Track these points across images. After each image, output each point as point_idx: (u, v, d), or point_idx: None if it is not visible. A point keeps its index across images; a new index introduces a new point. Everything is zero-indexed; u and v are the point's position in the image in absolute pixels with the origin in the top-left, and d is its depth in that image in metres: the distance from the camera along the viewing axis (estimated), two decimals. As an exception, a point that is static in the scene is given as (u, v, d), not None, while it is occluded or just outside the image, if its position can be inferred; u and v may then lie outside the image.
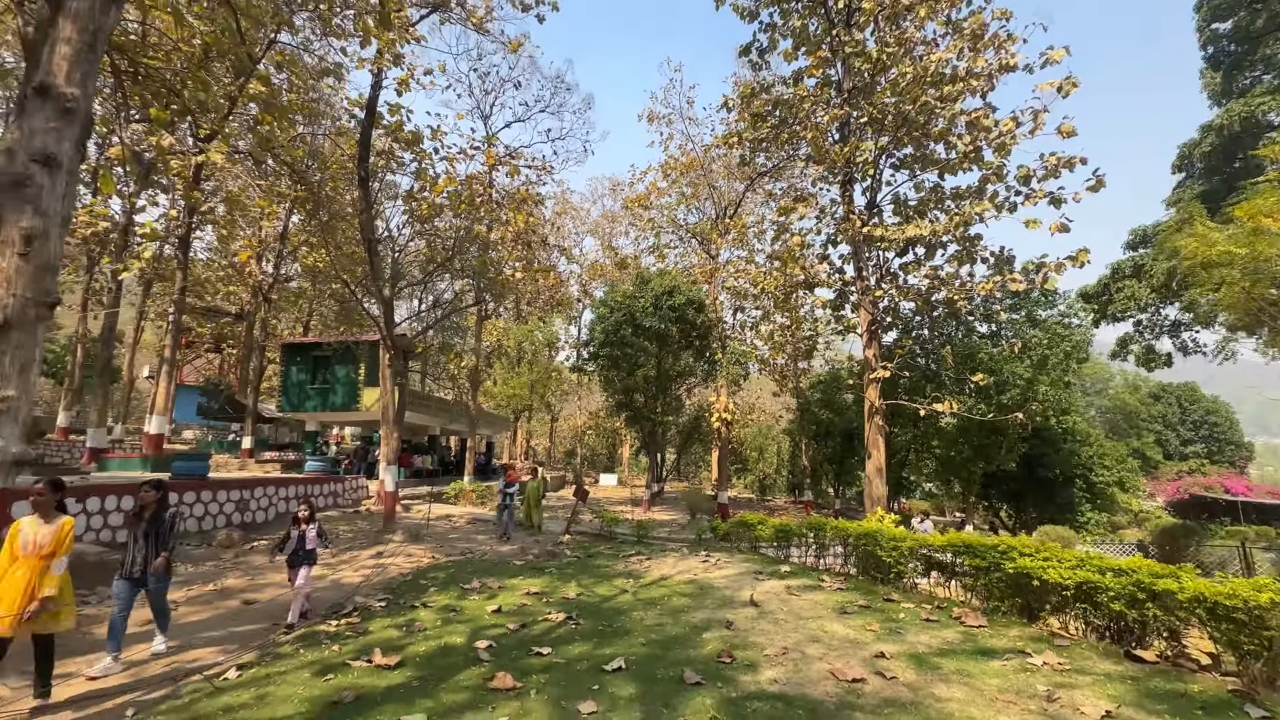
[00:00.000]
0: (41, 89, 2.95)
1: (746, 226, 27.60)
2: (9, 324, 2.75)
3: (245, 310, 27.29)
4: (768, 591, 7.89)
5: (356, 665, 5.01)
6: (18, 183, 2.85)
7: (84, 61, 3.07)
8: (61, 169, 2.97)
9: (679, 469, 55.92)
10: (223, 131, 13.01)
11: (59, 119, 2.96)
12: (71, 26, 3.04)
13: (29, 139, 2.91)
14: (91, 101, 3.30)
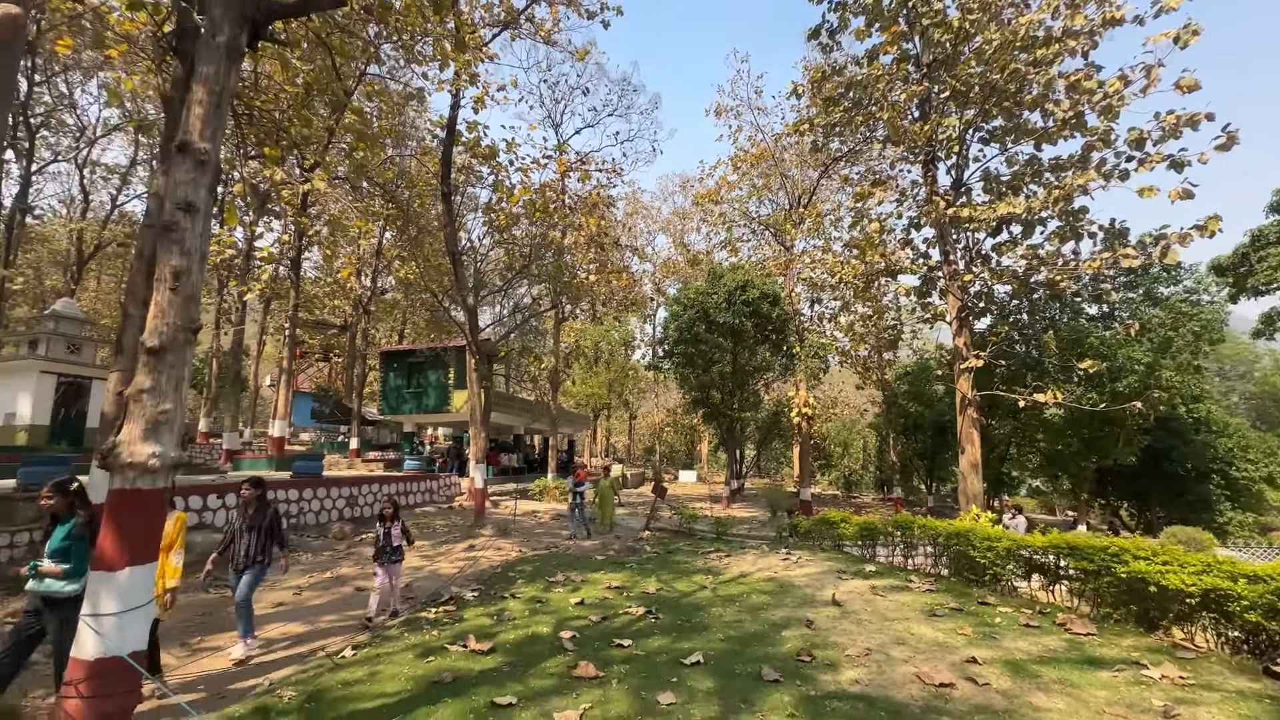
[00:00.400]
0: (182, 146, 3.45)
1: (822, 214, 26.74)
2: (164, 348, 3.24)
3: (348, 322, 29.76)
4: (851, 591, 7.70)
5: (453, 649, 5.42)
6: (167, 228, 3.35)
7: (213, 119, 3.55)
8: (199, 213, 3.45)
9: (759, 465, 55.03)
10: (323, 161, 14.28)
11: (196, 170, 3.44)
12: (202, 89, 3.53)
13: (174, 190, 3.41)
14: (220, 152, 3.77)
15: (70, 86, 25.76)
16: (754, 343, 22.88)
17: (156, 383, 3.20)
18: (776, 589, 7.94)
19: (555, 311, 22.72)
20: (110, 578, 2.96)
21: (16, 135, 24.23)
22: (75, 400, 14.52)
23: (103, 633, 2.85)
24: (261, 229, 22.09)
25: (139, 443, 3.08)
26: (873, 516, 11.75)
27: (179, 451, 3.28)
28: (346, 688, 4.57)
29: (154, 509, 3.22)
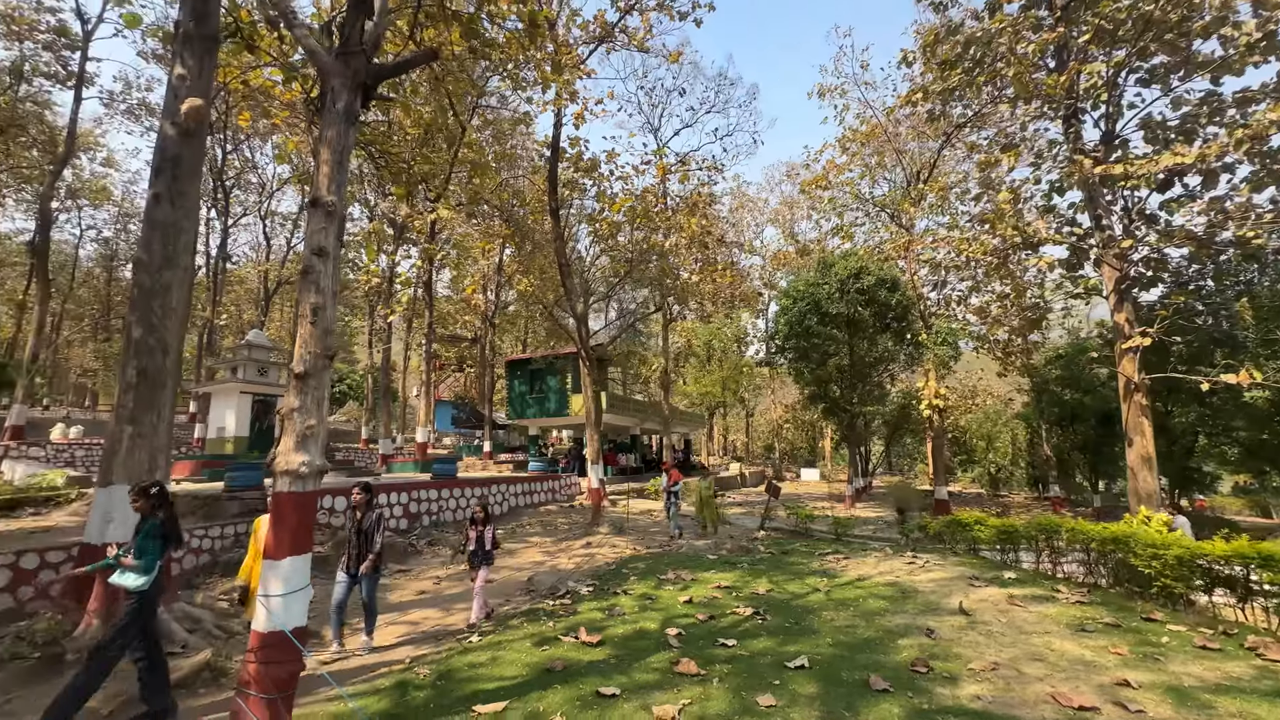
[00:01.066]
0: (313, 201, 4.05)
1: (946, 188, 24.57)
2: (308, 373, 3.83)
3: (478, 334, 32.44)
4: (983, 599, 7.05)
5: (566, 640, 5.78)
6: (305, 271, 3.95)
7: (337, 175, 4.13)
8: (329, 257, 4.03)
9: (889, 462, 51.62)
10: (445, 192, 15.76)
11: (325, 220, 4.03)
12: (326, 150, 4.13)
13: (309, 238, 4.02)
14: (344, 203, 4.35)
15: (252, 151, 30.67)
16: (873, 332, 21.55)
17: (303, 402, 3.80)
18: (897, 594, 7.49)
19: (662, 313, 23.03)
20: (275, 565, 3.58)
21: (216, 196, 29.39)
22: (265, 415, 17.33)
23: (271, 610, 3.47)
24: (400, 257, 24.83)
25: (292, 453, 3.69)
26: (1012, 518, 10.62)
27: (323, 460, 3.87)
28: (472, 669, 5.06)
29: (307, 509, 3.83)
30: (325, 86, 4.30)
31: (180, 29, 6.47)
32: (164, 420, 6.04)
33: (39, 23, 22.54)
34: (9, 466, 14.74)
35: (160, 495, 4.37)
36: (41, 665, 4.86)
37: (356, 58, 4.21)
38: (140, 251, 6.17)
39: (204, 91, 6.50)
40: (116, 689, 4.64)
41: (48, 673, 4.84)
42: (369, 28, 4.32)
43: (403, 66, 4.74)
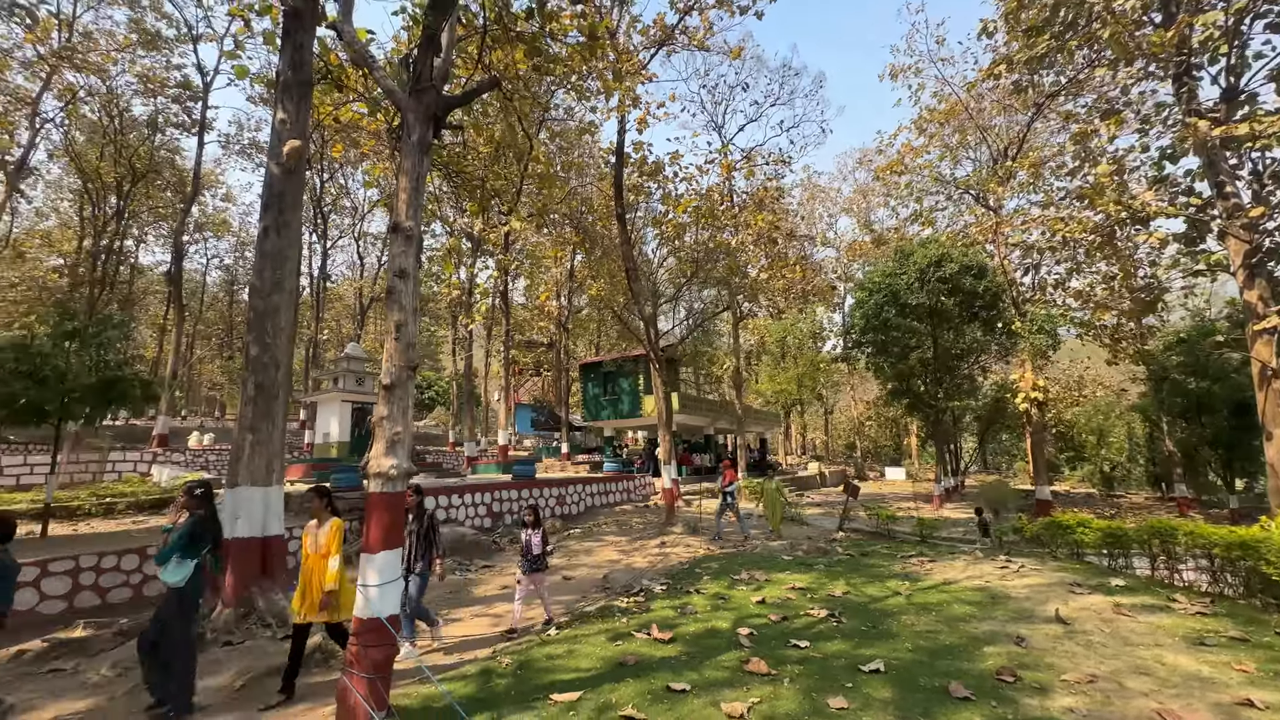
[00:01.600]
0: (394, 227, 4.45)
1: (1039, 163, 22.75)
2: (394, 384, 4.21)
3: (553, 339, 33.51)
4: (1084, 607, 6.55)
5: (639, 637, 5.94)
6: (389, 291, 4.34)
7: (414, 201, 4.50)
8: (410, 277, 4.40)
9: (984, 460, 48.40)
10: (517, 205, 16.46)
11: (405, 244, 4.41)
12: (404, 179, 4.51)
13: (391, 261, 4.41)
14: (421, 226, 4.71)
15: (345, 178, 33.30)
16: (959, 322, 20.35)
17: (391, 411, 4.18)
18: (985, 600, 7.09)
19: (731, 311, 22.85)
20: (372, 558, 3.97)
21: (316, 222, 32.17)
22: (363, 421, 18.82)
23: (369, 599, 3.85)
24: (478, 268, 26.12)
25: (382, 457, 4.08)
26: (1128, 521, 9.73)
27: (409, 464, 4.23)
28: (549, 660, 5.33)
29: (397, 507, 4.21)
30: (402, 121, 4.70)
31: (280, 78, 7.22)
32: (278, 428, 6.77)
33: (168, 79, 25.62)
34: (157, 470, 16.88)
35: (203, 496, 4.59)
36: (187, 643, 5.61)
37: (428, 93, 4.57)
38: (254, 278, 6.96)
39: (302, 132, 7.22)
40: (245, 665, 5.29)
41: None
42: (438, 64, 4.68)
43: (469, 96, 5.08)
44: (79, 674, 5.12)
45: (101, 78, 24.76)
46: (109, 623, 6.02)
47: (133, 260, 36.96)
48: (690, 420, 26.04)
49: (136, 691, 4.89)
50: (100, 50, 23.98)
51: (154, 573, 7.32)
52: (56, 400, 8.60)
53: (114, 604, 6.86)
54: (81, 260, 30.20)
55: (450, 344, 30.37)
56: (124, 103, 26.96)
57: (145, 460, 17.85)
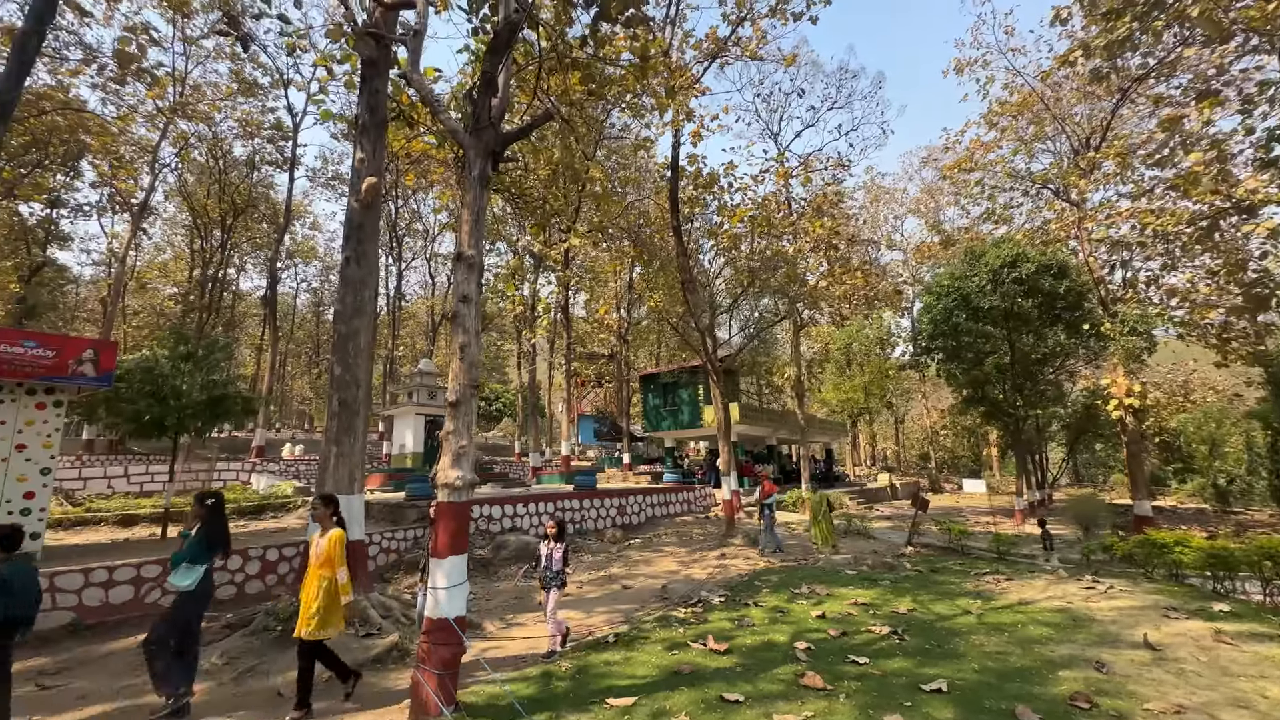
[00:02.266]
0: (458, 256, 4.81)
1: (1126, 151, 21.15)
2: (459, 401, 4.55)
3: (614, 351, 34.09)
4: (1178, 634, 6.06)
5: (695, 647, 6.02)
6: (454, 316, 4.69)
7: (476, 231, 4.86)
8: (472, 302, 4.75)
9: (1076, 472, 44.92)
10: (576, 223, 17.02)
11: (467, 272, 4.76)
12: (466, 211, 4.88)
13: (456, 288, 4.77)
14: (483, 255, 5.07)
15: (417, 204, 35.33)
16: (1039, 325, 19.13)
17: (456, 426, 4.52)
18: (1066, 622, 6.69)
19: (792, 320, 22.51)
20: (440, 563, 4.29)
21: (391, 245, 34.30)
22: (436, 433, 19.86)
23: (438, 601, 4.17)
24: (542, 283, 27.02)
25: (449, 469, 4.41)
26: (1227, 540, 8.89)
27: (473, 475, 4.55)
28: (606, 666, 5.51)
29: (463, 515, 4.52)
30: (464, 157, 5.09)
31: (359, 120, 7.91)
32: (358, 441, 7.35)
33: (264, 122, 28.21)
34: (256, 479, 18.46)
35: (213, 507, 4.68)
36: (283, 636, 6.17)
37: (486, 131, 4.93)
38: (337, 304, 7.62)
39: (378, 169, 7.87)
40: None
41: (287, 642, 6.14)
42: (495, 103, 5.04)
43: (526, 131, 5.43)
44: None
45: (208, 124, 27.62)
46: (216, 616, 6.72)
47: (234, 286, 40.69)
48: (751, 430, 25.74)
49: (243, 678, 5.46)
50: (207, 100, 26.77)
51: (253, 572, 8.09)
52: (174, 415, 9.69)
53: (221, 600, 7.61)
54: (192, 288, 33.56)
55: (516, 358, 31.50)
56: (227, 145, 29.93)
57: (246, 470, 19.56)
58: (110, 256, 32.19)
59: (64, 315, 34.98)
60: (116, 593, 6.98)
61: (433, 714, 3.91)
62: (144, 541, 10.04)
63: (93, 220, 30.97)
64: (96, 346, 7.91)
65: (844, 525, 15.10)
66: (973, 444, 44.93)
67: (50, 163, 24.60)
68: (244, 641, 6.03)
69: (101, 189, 28.29)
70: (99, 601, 6.85)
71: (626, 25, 9.58)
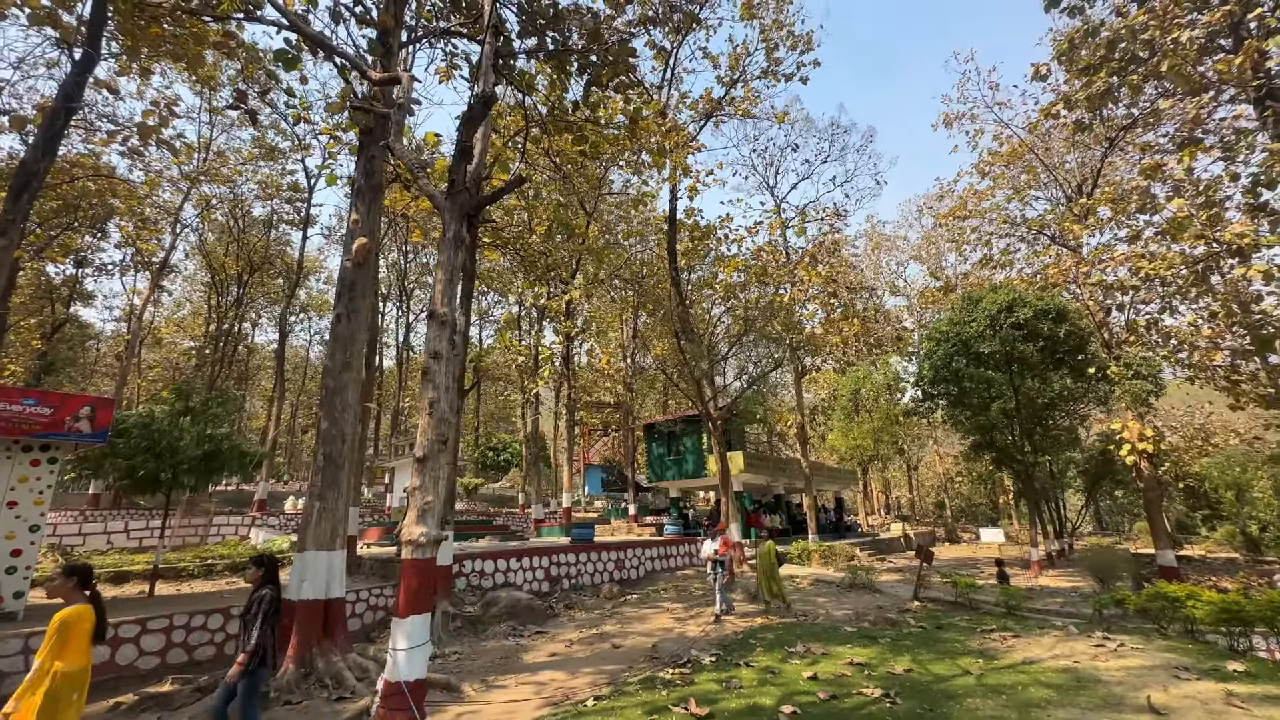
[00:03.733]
0: (430, 314, 4.95)
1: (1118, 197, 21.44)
2: (426, 456, 4.59)
3: (620, 400, 34.05)
4: (1187, 696, 5.74)
5: (675, 711, 5.78)
6: (424, 371, 4.79)
7: (448, 291, 5.02)
8: (443, 359, 4.85)
9: (1098, 519, 43.48)
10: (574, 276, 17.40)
11: (439, 329, 4.89)
12: (440, 272, 5.05)
13: (427, 344, 4.90)
14: (456, 314, 5.21)
15: (425, 257, 36.33)
16: (1043, 369, 18.97)
17: (423, 482, 4.54)
18: (1069, 683, 6.37)
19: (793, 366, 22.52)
20: (401, 623, 4.23)
21: (400, 299, 35.09)
22: (437, 484, 19.79)
23: (397, 663, 4.09)
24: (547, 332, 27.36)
25: (413, 525, 4.41)
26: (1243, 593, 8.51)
27: (439, 531, 4.53)
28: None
29: (426, 573, 4.49)
30: (442, 218, 5.32)
31: (355, 184, 8.30)
32: (343, 496, 7.36)
33: (282, 184, 29.54)
34: (254, 533, 18.37)
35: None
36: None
37: (460, 195, 5.17)
38: (326, 360, 7.79)
39: (372, 230, 8.20)
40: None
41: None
42: (470, 169, 5.30)
43: (497, 195, 5.69)
44: (160, 727, 5.63)
45: (229, 187, 28.96)
46: (191, 679, 6.59)
47: (249, 340, 41.59)
48: (757, 479, 25.35)
49: (205, 746, 5.31)
50: (230, 165, 28.19)
51: (234, 631, 7.95)
52: (168, 470, 9.77)
53: (199, 660, 7.48)
54: (207, 342, 34.36)
55: (522, 408, 31.61)
56: (247, 205, 31.27)
57: (245, 524, 19.48)
58: (130, 312, 33.22)
59: (83, 370, 35.83)
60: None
61: (384, 785, 3.77)
62: (132, 600, 9.95)
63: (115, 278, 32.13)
64: (94, 404, 8.09)
65: (849, 579, 14.63)
66: (989, 491, 43.78)
67: (79, 225, 25.79)
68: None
69: (125, 249, 29.51)
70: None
71: (618, 90, 10.12)
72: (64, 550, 13.96)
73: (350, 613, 9.13)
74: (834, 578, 15.58)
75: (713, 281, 17.18)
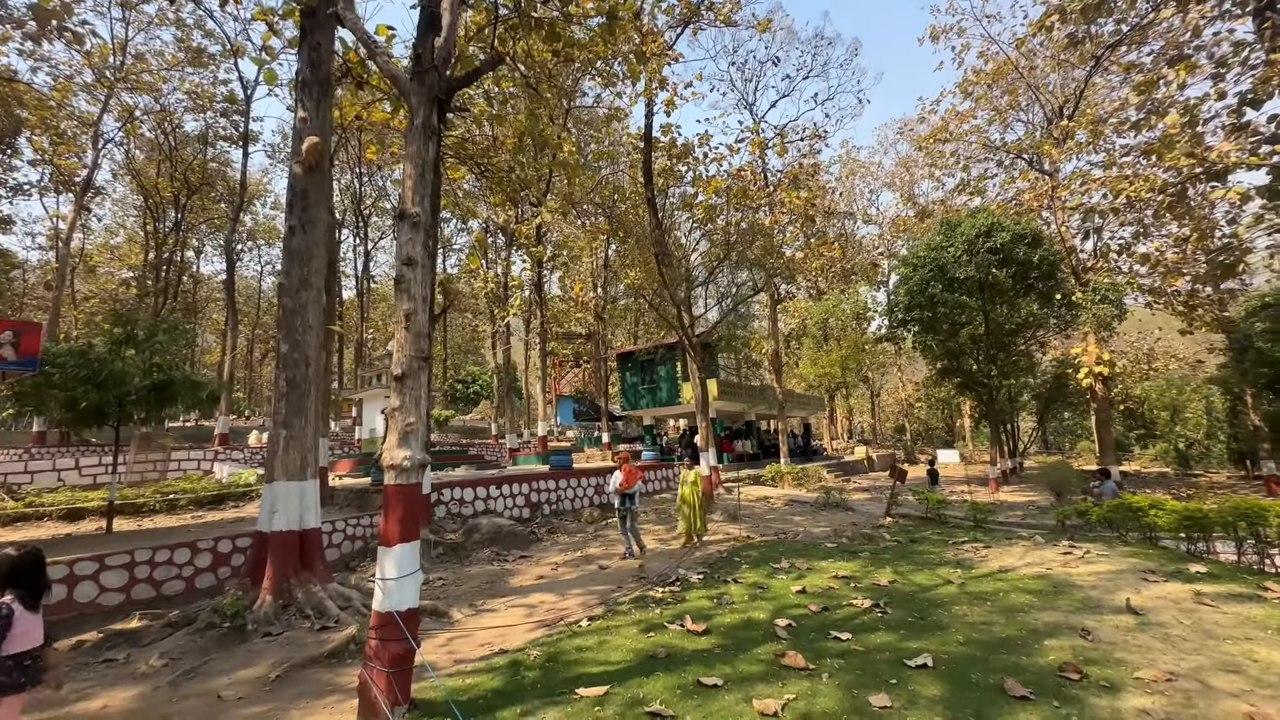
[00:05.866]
0: (400, 214, 4.34)
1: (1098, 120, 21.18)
2: (405, 374, 4.13)
3: (591, 330, 33.55)
4: (1159, 596, 6.00)
5: (672, 628, 5.77)
6: (398, 280, 4.24)
7: (419, 188, 4.39)
8: (419, 265, 4.30)
9: (1045, 440, 46.08)
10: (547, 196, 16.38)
11: (412, 232, 4.30)
12: (409, 165, 4.40)
13: (399, 249, 4.32)
14: (434, 214, 4.58)
15: (383, 180, 34.06)
16: (1013, 295, 19.22)
17: (403, 402, 4.10)
18: (1047, 588, 6.61)
19: (769, 294, 22.28)
20: (389, 551, 3.91)
21: (357, 224, 33.07)
22: (408, 416, 19.32)
23: (386, 593, 3.80)
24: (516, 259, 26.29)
25: (395, 449, 4.00)
26: (1204, 501, 8.95)
27: (424, 454, 4.15)
28: (579, 652, 5.22)
29: (413, 499, 4.13)
30: (409, 103, 4.59)
31: (299, 77, 7.26)
32: (310, 424, 6.87)
33: (215, 95, 26.70)
34: (218, 467, 17.75)
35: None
36: (230, 633, 5.76)
37: (429, 74, 4.43)
38: (282, 277, 7.06)
39: (322, 130, 7.26)
40: (282, 656, 5.38)
41: (234, 639, 5.73)
42: (439, 44, 4.53)
43: (473, 76, 4.94)
44: (130, 664, 5.32)
45: (154, 96, 26.03)
46: (161, 614, 6.26)
47: (194, 270, 38.97)
48: (729, 406, 25.64)
49: (182, 681, 5.04)
50: (152, 70, 25.18)
51: (204, 565, 7.60)
52: (113, 403, 9.04)
53: (168, 595, 7.14)
54: (147, 272, 32.01)
55: (491, 339, 30.85)
56: (177, 119, 28.30)
57: (208, 459, 18.80)
58: (56, 237, 30.44)
59: (10, 303, 33.16)
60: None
61: (380, 717, 3.56)
62: (88, 536, 9.44)
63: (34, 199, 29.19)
64: (17, 328, 7.25)
65: (822, 498, 15.07)
66: (946, 415, 45.71)
67: (-18, 139, 22.97)
68: (187, 640, 5.60)
69: (42, 167, 26.62)
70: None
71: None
72: (9, 488, 13.18)
73: (328, 543, 8.86)
74: (807, 498, 16.07)
75: (692, 202, 16.44)
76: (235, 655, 5.41)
